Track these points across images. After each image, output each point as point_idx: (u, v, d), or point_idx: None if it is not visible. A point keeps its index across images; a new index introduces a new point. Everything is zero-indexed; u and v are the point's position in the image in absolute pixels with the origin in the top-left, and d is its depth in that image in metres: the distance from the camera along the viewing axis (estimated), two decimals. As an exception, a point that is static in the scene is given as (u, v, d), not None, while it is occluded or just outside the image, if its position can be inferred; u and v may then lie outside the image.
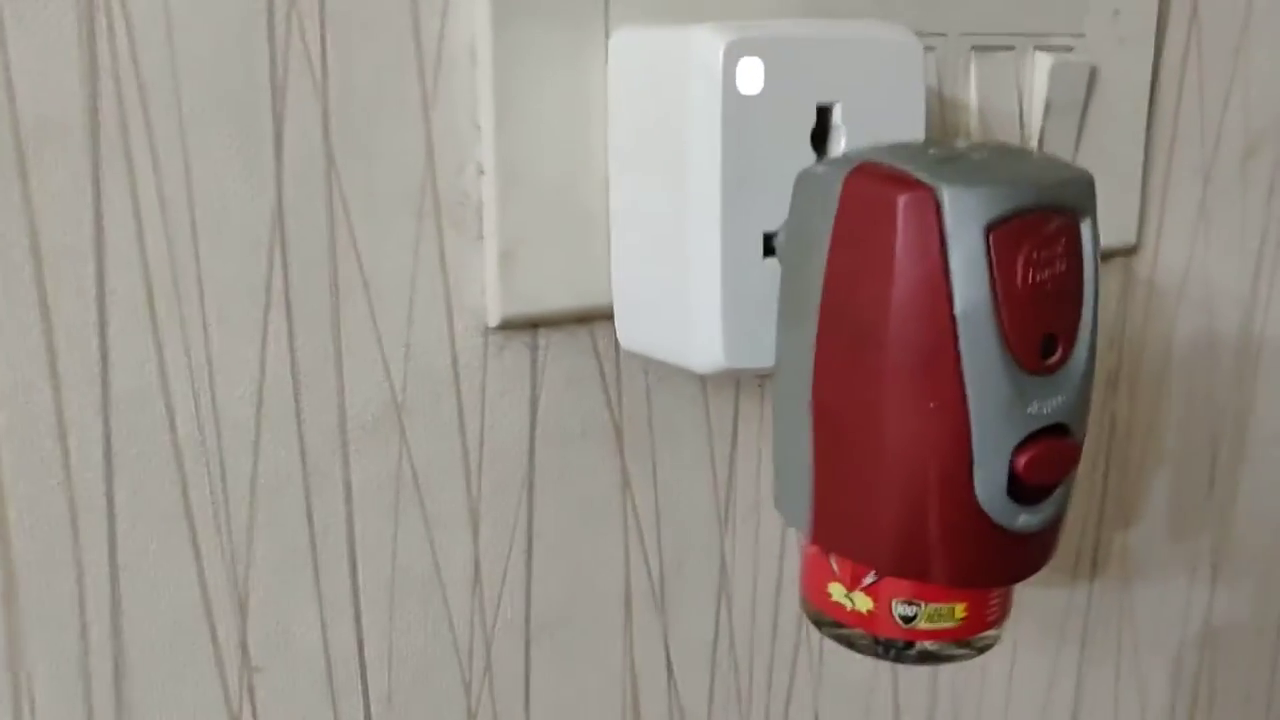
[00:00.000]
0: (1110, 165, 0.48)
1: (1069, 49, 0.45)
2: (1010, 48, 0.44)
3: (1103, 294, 0.32)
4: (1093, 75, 0.46)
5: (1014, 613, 0.53)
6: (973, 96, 0.43)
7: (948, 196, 0.27)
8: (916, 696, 0.51)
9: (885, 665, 0.49)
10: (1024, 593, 0.53)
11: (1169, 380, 0.55)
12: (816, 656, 0.48)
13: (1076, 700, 0.56)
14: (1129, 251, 0.51)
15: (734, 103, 0.32)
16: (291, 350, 0.36)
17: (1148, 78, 0.48)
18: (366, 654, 0.39)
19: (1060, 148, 0.46)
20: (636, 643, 0.44)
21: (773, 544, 0.46)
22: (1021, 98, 0.44)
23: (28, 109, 0.31)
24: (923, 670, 0.51)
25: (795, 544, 0.46)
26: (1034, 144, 0.45)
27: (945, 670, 0.52)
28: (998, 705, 0.54)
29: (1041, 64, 0.44)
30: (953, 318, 0.28)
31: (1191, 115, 0.51)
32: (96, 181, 0.33)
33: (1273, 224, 0.55)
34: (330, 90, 0.35)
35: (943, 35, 0.42)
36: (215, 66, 0.33)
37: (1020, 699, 0.54)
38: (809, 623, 0.47)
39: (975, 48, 0.43)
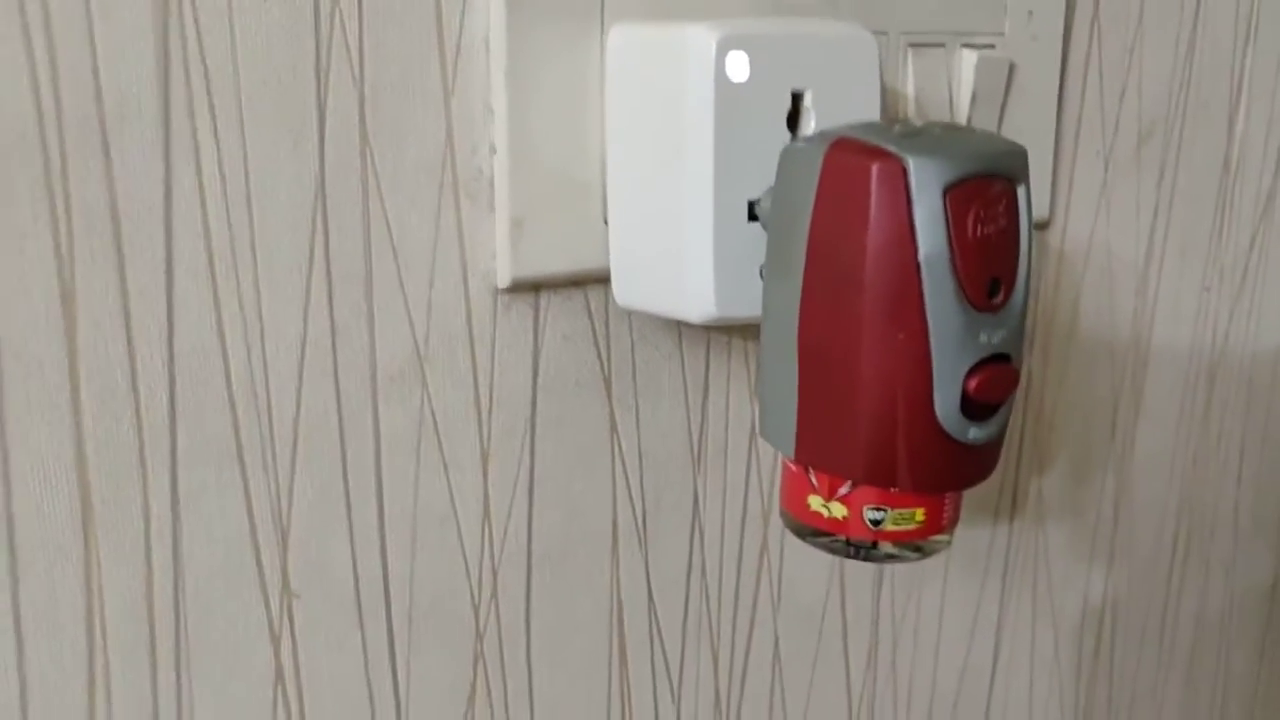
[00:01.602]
0: (1025, 148, 0.54)
1: (991, 46, 0.52)
2: (941, 45, 0.50)
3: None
4: (1011, 69, 0.52)
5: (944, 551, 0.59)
6: (910, 87, 0.50)
7: (913, 164, 0.33)
8: (862, 620, 0.57)
9: (835, 591, 0.56)
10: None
11: (1076, 339, 0.62)
12: (776, 583, 0.54)
13: (999, 626, 0.63)
14: (1042, 225, 0.58)
15: (724, 89, 0.38)
16: (330, 308, 0.41)
17: (1057, 72, 0.55)
18: (390, 580, 0.44)
19: (984, 133, 0.52)
20: (622, 572, 0.49)
21: (739, 481, 0.51)
22: (951, 88, 0.51)
23: (110, 90, 0.36)
24: (867, 597, 0.57)
25: (756, 482, 0.52)
26: (962, 129, 0.51)
27: (885, 598, 0.58)
28: (931, 631, 0.60)
29: (968, 59, 0.51)
30: (917, 264, 0.33)
31: (1093, 106, 0.58)
32: (167, 156, 0.37)
33: (1162, 203, 0.63)
34: (366, 78, 0.40)
35: (884, 34, 0.48)
36: (269, 56, 0.38)
37: (950, 624, 0.61)
38: (769, 553, 0.53)
39: (911, 45, 0.49)
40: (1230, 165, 0.65)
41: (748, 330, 0.50)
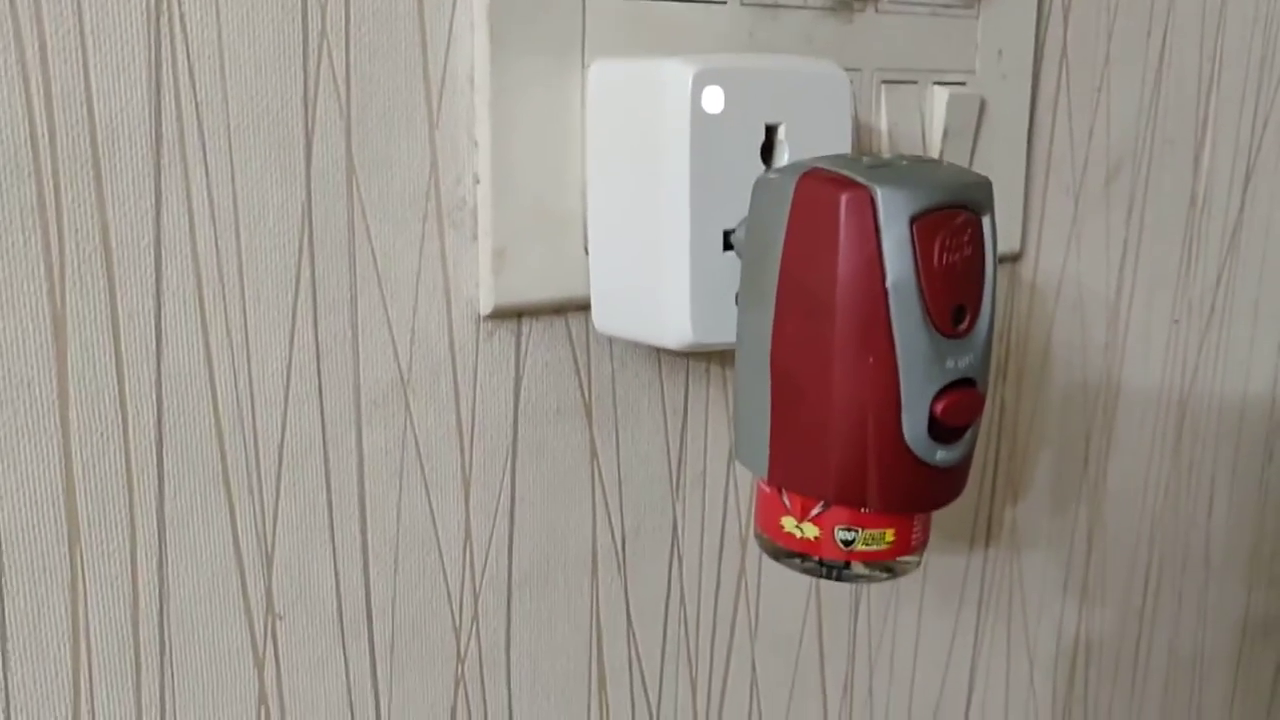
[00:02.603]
0: (996, 183, 0.55)
1: (962, 83, 0.53)
2: (914, 82, 0.52)
3: (998, 281, 0.39)
4: (982, 106, 0.54)
5: (919, 578, 0.60)
6: (883, 123, 0.51)
7: (881, 194, 0.34)
8: (839, 647, 0.58)
9: (813, 618, 0.56)
10: (929, 560, 0.61)
11: (1049, 371, 0.63)
12: (754, 609, 0.54)
13: (975, 653, 0.64)
14: (1014, 258, 0.59)
15: (700, 121, 0.39)
16: (315, 334, 0.42)
17: (1027, 109, 0.57)
18: (373, 603, 0.45)
19: (956, 167, 0.54)
20: (601, 597, 0.50)
21: (717, 507, 0.52)
22: (924, 124, 0.52)
23: (103, 117, 0.37)
24: (844, 624, 0.58)
25: (734, 509, 0.53)
26: (934, 163, 0.53)
27: (862, 625, 0.59)
28: (906, 659, 0.61)
29: (940, 96, 0.52)
30: (885, 290, 0.35)
31: (1063, 142, 0.60)
32: (157, 184, 0.38)
33: (1131, 238, 0.64)
34: (352, 109, 0.41)
35: (858, 70, 0.50)
36: (258, 87, 0.39)
37: (926, 652, 0.62)
38: (747, 579, 0.54)
39: (885, 81, 0.51)
40: (1197, 201, 0.67)
41: (726, 357, 0.51)
